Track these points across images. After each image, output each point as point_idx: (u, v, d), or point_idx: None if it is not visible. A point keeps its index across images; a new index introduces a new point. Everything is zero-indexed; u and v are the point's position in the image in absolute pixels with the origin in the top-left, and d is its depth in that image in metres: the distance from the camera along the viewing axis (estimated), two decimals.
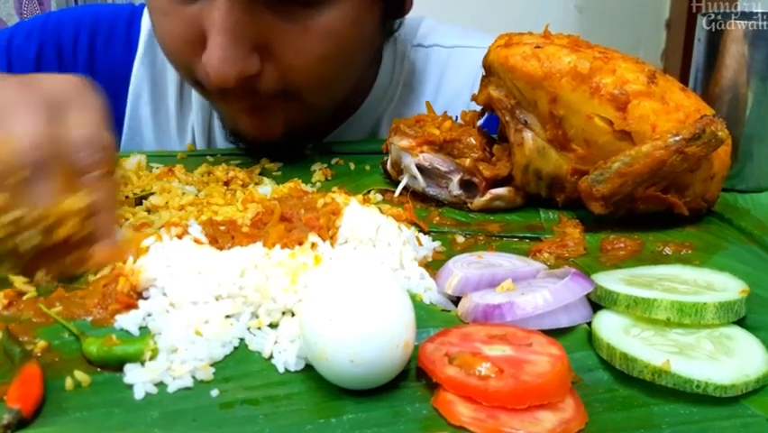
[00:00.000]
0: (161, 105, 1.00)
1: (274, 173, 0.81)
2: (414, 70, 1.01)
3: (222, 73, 0.72)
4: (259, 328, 0.48)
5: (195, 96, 0.99)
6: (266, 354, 0.45)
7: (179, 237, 0.54)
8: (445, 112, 0.76)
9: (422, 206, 0.72)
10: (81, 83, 0.58)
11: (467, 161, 0.70)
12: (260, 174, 0.79)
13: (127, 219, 0.62)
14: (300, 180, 0.74)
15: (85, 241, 0.52)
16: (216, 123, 0.98)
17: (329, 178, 0.79)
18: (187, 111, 1.00)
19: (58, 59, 0.98)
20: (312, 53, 0.76)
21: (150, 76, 0.99)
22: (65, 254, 0.52)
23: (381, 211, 0.61)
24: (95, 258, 0.53)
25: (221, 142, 0.99)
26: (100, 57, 1.00)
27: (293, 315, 0.49)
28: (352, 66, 0.84)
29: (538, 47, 0.65)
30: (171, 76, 0.99)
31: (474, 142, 0.71)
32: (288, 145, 0.85)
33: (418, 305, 0.49)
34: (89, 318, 0.49)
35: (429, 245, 0.60)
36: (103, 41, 1.00)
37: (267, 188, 0.71)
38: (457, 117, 0.76)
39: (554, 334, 0.46)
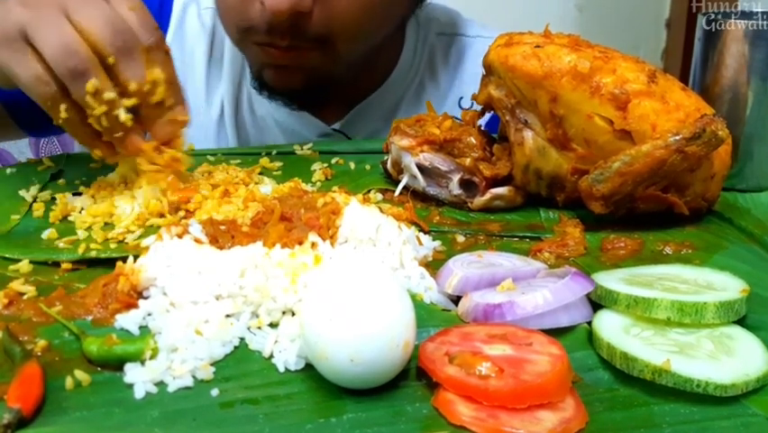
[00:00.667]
0: (191, 79, 1.03)
1: (274, 173, 0.81)
2: (435, 56, 1.06)
3: (278, 3, 0.76)
4: (259, 328, 0.48)
5: (225, 70, 1.02)
6: (266, 354, 0.45)
7: (179, 237, 0.54)
8: (445, 113, 0.76)
9: (422, 205, 0.72)
10: None
11: (467, 161, 0.70)
12: (260, 174, 0.79)
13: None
14: (300, 180, 0.73)
15: (165, 107, 0.63)
16: (245, 95, 1.03)
17: (329, 177, 0.79)
18: (216, 84, 1.03)
19: None
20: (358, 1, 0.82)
21: (181, 51, 1.02)
22: (153, 119, 0.63)
23: (381, 211, 0.61)
24: (178, 118, 0.65)
25: (248, 114, 1.04)
26: None
27: (293, 314, 0.49)
28: (384, 22, 0.90)
29: (538, 46, 0.65)
30: (200, 51, 1.03)
31: (474, 141, 0.71)
32: (308, 95, 0.93)
33: (418, 304, 0.49)
34: (89, 318, 0.49)
35: (429, 245, 0.60)
36: None
37: (267, 188, 0.71)
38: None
39: (554, 333, 0.46)
